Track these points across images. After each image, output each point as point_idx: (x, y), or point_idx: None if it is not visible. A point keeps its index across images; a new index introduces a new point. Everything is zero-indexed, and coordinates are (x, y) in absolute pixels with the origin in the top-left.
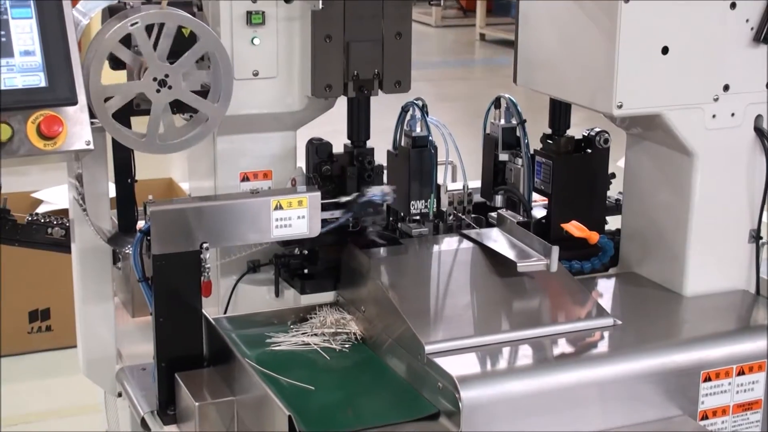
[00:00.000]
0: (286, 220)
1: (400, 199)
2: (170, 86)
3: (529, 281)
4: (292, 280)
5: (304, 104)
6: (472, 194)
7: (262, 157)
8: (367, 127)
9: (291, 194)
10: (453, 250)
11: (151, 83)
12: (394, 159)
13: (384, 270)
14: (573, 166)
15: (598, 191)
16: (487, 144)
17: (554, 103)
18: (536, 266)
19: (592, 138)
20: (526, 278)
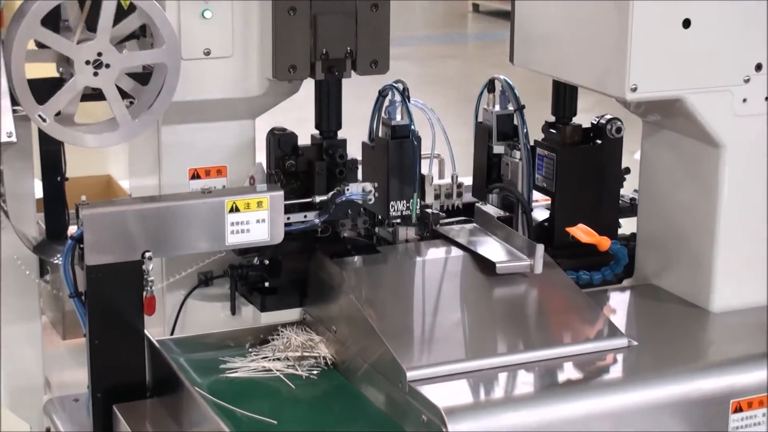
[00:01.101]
0: (243, 225)
1: (378, 199)
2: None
3: (529, 296)
4: (251, 295)
5: (264, 88)
6: (462, 185)
7: (215, 151)
8: (338, 114)
9: (249, 194)
10: (440, 259)
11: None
12: (371, 152)
13: (359, 282)
14: (580, 159)
15: (610, 189)
16: (480, 134)
17: (558, 86)
18: (518, 267)
19: (603, 127)
20: (525, 293)
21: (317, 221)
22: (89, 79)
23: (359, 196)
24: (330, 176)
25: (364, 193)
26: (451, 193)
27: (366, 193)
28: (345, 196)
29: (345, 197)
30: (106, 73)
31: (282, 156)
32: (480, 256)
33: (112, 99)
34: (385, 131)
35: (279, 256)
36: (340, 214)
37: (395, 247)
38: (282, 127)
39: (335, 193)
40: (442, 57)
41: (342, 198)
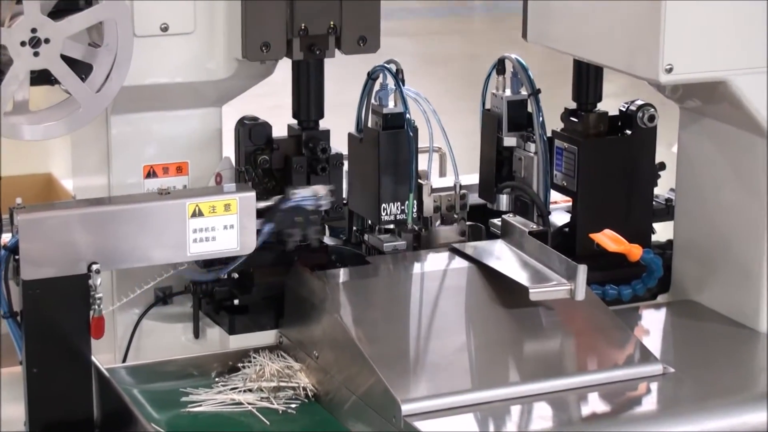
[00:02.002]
0: (208, 232)
1: (367, 201)
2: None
3: (546, 314)
4: (217, 315)
5: (232, 70)
6: (466, 194)
7: (175, 144)
8: (319, 101)
9: (215, 195)
10: (441, 272)
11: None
12: (359, 145)
13: (345, 300)
14: (606, 153)
15: (642, 188)
16: (488, 124)
17: (579, 67)
18: (555, 293)
19: (633, 114)
20: (542, 310)
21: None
22: (30, 62)
23: (309, 200)
24: (311, 174)
25: (314, 197)
26: (454, 206)
27: (317, 198)
28: (291, 201)
29: (291, 203)
30: (48, 50)
31: (254, 150)
32: (497, 273)
33: (64, 75)
34: (375, 120)
35: (251, 268)
36: (287, 222)
37: (386, 257)
38: (253, 116)
39: (280, 199)
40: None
41: (288, 203)
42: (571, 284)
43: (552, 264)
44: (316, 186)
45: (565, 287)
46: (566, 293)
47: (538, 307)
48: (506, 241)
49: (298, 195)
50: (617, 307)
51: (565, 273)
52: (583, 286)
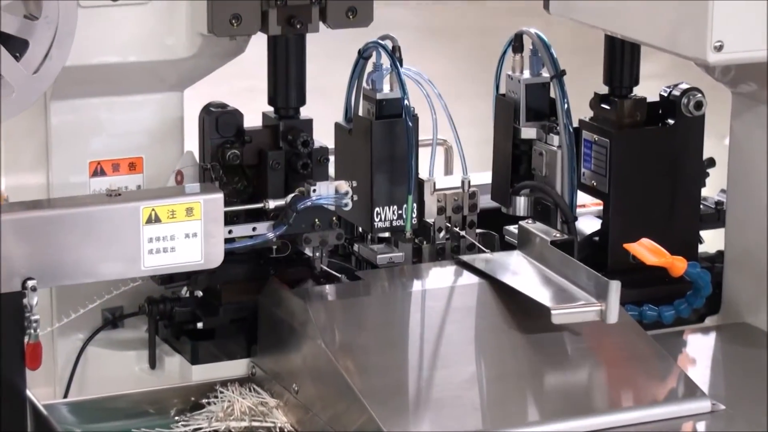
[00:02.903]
0: (166, 241)
1: (357, 204)
2: None
3: (572, 340)
4: (178, 342)
5: (196, 47)
6: (477, 193)
7: (127, 136)
8: (300, 85)
9: (175, 198)
10: (446, 289)
11: None
12: (347, 137)
13: (331, 322)
14: (644, 147)
15: (686, 189)
16: (502, 112)
17: (612, 44)
18: (583, 314)
19: (676, 101)
20: (566, 335)
21: (271, 236)
22: None
23: (330, 199)
24: (289, 172)
25: (337, 196)
26: (462, 206)
27: (340, 196)
28: (310, 200)
29: (310, 202)
30: None
31: (221, 143)
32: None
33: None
34: (367, 108)
35: (217, 285)
36: (303, 225)
37: (380, 272)
38: (221, 102)
39: (296, 196)
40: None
41: (305, 203)
42: (602, 304)
43: (579, 280)
44: (338, 181)
45: (595, 308)
46: (596, 315)
47: (563, 331)
48: (524, 252)
49: (317, 191)
50: (657, 331)
51: (595, 291)
52: (616, 306)
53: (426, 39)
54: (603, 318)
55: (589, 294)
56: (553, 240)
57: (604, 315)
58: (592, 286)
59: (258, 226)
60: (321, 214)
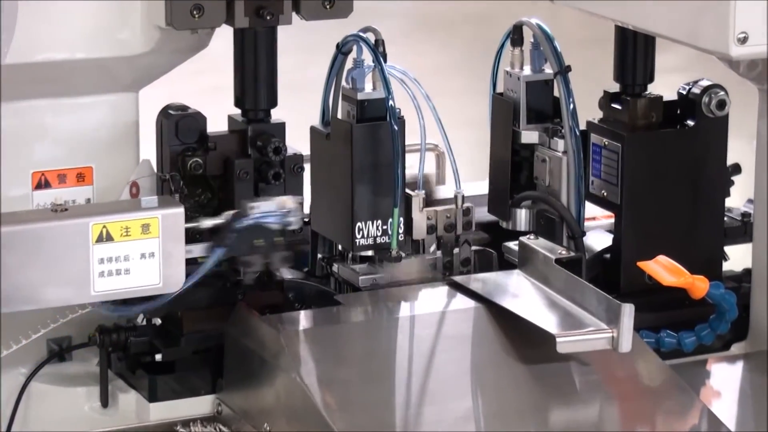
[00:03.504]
0: (119, 263)
1: (336, 219)
2: None
3: (580, 371)
4: (134, 376)
5: (153, 42)
6: (471, 208)
7: (75, 144)
8: (271, 84)
9: (129, 213)
10: (437, 315)
11: None
12: (325, 143)
13: (308, 354)
14: (660, 152)
15: (709, 199)
16: (500, 113)
17: (624, 37)
18: (592, 342)
19: (696, 99)
20: (574, 365)
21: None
22: None
23: (273, 217)
24: (259, 182)
25: (279, 213)
26: (455, 224)
27: (284, 212)
28: (249, 218)
29: (249, 220)
30: None
31: (182, 150)
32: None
33: None
34: (347, 110)
35: (178, 312)
36: (243, 247)
37: (363, 295)
38: (182, 104)
39: (234, 214)
40: None
41: (244, 221)
42: (614, 330)
43: (587, 303)
44: (283, 197)
45: (605, 335)
46: (606, 343)
47: (570, 362)
48: (525, 271)
49: (259, 209)
50: (676, 360)
51: (606, 315)
52: (629, 332)
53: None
54: (615, 346)
55: (599, 319)
56: (558, 258)
57: (615, 343)
58: (602, 310)
59: (193, 249)
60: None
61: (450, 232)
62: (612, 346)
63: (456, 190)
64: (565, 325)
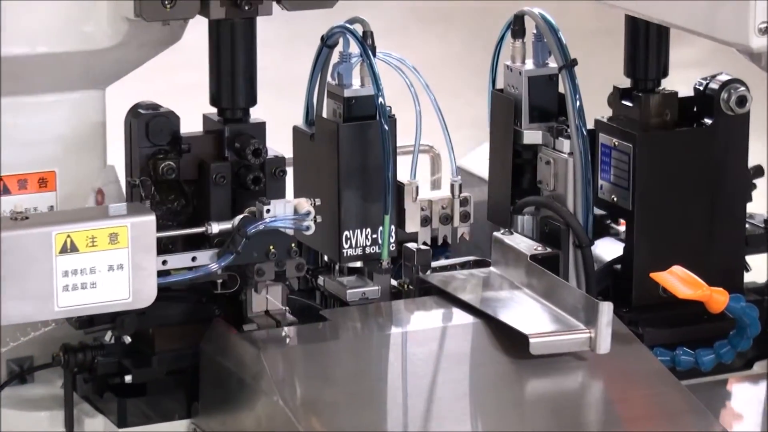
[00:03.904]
0: (85, 275)
1: (322, 227)
2: None
3: (590, 392)
4: (101, 399)
5: (121, 35)
6: (469, 198)
7: (36, 146)
8: (250, 80)
9: (95, 221)
10: (433, 331)
11: None
12: (309, 144)
13: (291, 374)
14: (675, 153)
15: (729, 204)
16: (500, 111)
17: (635, 28)
18: (568, 343)
19: (714, 96)
20: (582, 388)
21: (215, 267)
22: None
23: (288, 222)
24: (237, 187)
25: (297, 217)
26: (451, 216)
27: (300, 217)
28: (263, 222)
29: (263, 225)
30: None
31: (153, 153)
32: (503, 325)
33: None
34: (333, 108)
35: (149, 329)
36: (254, 254)
37: (351, 311)
38: (153, 102)
39: (246, 218)
40: None
41: (257, 226)
42: (591, 330)
43: (564, 302)
44: (299, 199)
45: (582, 335)
46: (584, 343)
47: (578, 381)
48: (499, 269)
49: (271, 212)
50: (694, 380)
51: (583, 315)
52: (607, 332)
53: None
54: (593, 347)
55: (576, 319)
56: (533, 254)
57: (594, 343)
58: (579, 309)
59: (198, 256)
60: (277, 240)
61: (446, 224)
62: (590, 347)
63: (452, 179)
64: (540, 326)
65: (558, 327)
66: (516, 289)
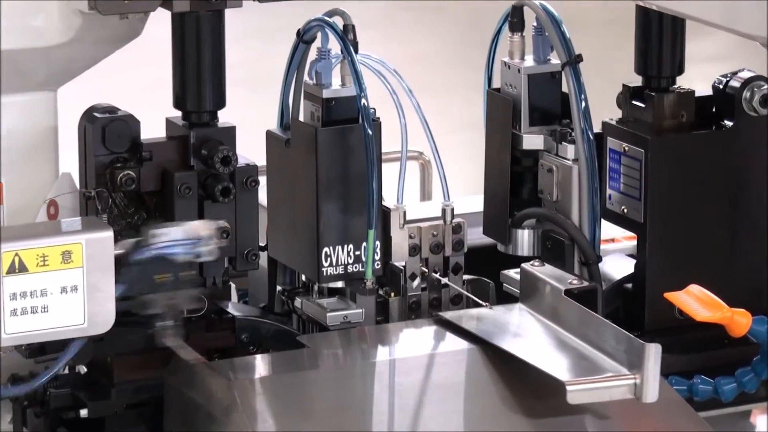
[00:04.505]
0: (35, 298)
1: (299, 244)
2: None
3: (598, 425)
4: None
5: (73, 30)
6: (462, 227)
7: None
8: (218, 80)
9: (46, 237)
10: (423, 358)
11: None
12: (284, 151)
13: (265, 407)
14: (692, 159)
15: (750, 215)
16: (497, 113)
17: (647, 20)
18: (611, 391)
19: (735, 95)
20: (590, 418)
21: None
22: None
23: (180, 247)
24: (205, 197)
25: (191, 243)
26: (443, 244)
27: (195, 242)
28: (153, 248)
29: (152, 251)
30: None
31: (111, 161)
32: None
33: None
34: (311, 110)
35: (108, 357)
36: (143, 283)
37: (332, 336)
38: (110, 105)
39: (136, 243)
40: None
41: (145, 253)
42: (636, 376)
43: (604, 343)
44: (195, 223)
45: (627, 381)
46: (628, 391)
47: (584, 414)
48: (528, 305)
49: (164, 238)
50: (713, 412)
51: (626, 358)
52: (655, 378)
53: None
54: (638, 395)
55: (618, 362)
56: (568, 289)
57: (639, 391)
58: (622, 351)
59: None
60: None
61: (437, 253)
62: (635, 394)
63: (444, 203)
64: (577, 371)
65: (598, 372)
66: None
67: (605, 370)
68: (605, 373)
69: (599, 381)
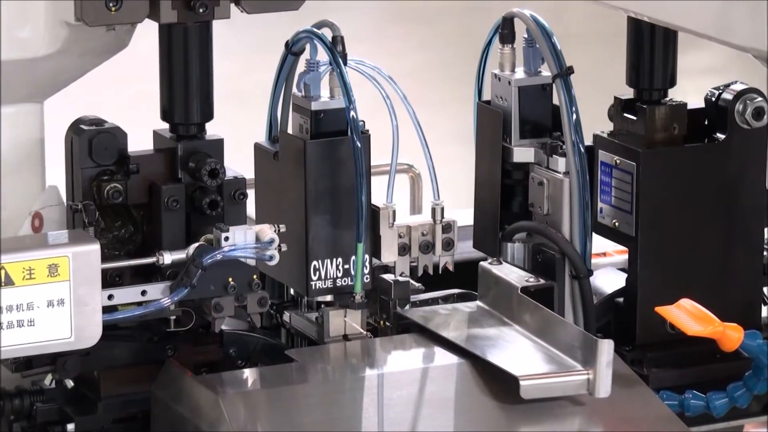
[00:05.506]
0: (21, 312)
1: (287, 257)
2: None
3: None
4: None
5: (60, 42)
6: (453, 223)
7: None
8: (206, 92)
9: (32, 250)
10: (413, 373)
11: None
12: (272, 164)
13: (253, 422)
14: (684, 172)
15: (743, 229)
16: (487, 126)
17: (638, 32)
18: (564, 386)
19: (727, 107)
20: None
21: (167, 302)
22: None
23: (249, 251)
24: (193, 213)
25: (258, 245)
26: (432, 244)
27: (263, 245)
28: (220, 251)
29: (220, 255)
30: None
31: (98, 174)
32: (491, 366)
33: None
34: (299, 123)
35: (95, 372)
36: (211, 287)
37: (321, 350)
38: (97, 117)
39: (201, 247)
40: None
41: (213, 256)
42: (590, 371)
43: (559, 339)
44: (261, 226)
45: (580, 377)
46: (581, 386)
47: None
48: (486, 303)
49: (230, 240)
50: (705, 427)
51: (581, 354)
52: (608, 372)
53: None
54: (591, 390)
55: (573, 358)
56: (524, 287)
57: (592, 386)
58: (576, 347)
59: (149, 289)
60: (236, 272)
61: (427, 252)
62: (588, 390)
63: (434, 201)
64: (531, 367)
65: (552, 368)
66: (505, 325)
67: (560, 366)
68: (559, 369)
69: (553, 376)
